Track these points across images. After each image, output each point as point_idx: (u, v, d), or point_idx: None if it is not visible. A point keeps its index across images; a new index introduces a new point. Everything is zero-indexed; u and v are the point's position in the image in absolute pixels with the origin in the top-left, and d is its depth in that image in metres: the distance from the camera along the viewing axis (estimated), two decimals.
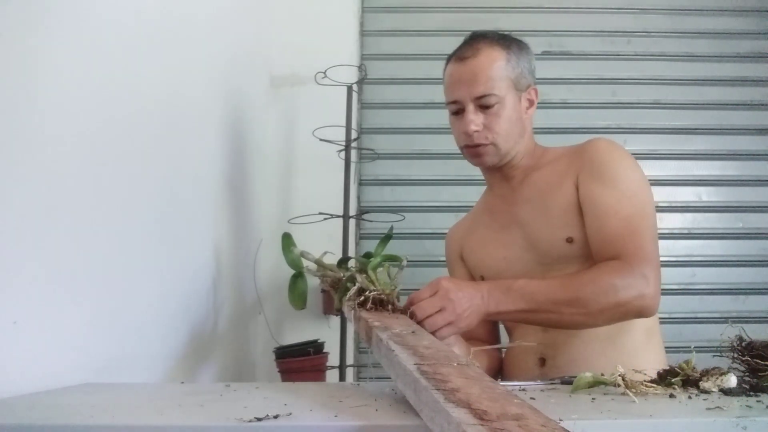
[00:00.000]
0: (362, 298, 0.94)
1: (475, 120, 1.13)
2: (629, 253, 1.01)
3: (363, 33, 2.37)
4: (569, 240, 1.11)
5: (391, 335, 0.76)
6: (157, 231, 1.17)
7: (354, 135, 1.99)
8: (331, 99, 2.04)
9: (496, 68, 1.13)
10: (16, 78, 0.75)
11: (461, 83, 1.14)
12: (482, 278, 1.24)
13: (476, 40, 1.17)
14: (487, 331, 1.28)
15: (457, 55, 1.17)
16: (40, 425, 0.58)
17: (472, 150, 1.17)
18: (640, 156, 2.29)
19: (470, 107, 1.13)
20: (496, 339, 1.32)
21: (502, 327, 1.32)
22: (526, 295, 0.98)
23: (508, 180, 1.23)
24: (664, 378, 0.74)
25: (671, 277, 2.23)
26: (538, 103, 1.22)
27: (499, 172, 1.23)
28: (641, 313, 1.00)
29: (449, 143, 1.28)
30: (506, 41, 1.18)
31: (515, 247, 1.19)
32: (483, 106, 1.13)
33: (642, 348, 1.10)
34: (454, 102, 1.16)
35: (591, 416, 0.59)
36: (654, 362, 0.99)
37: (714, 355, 0.79)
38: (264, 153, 2.09)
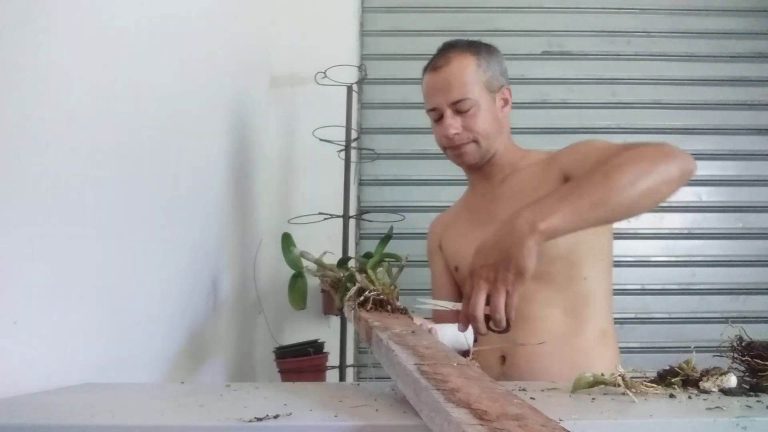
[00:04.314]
0: (362, 298, 0.94)
1: (453, 124, 1.20)
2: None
3: (363, 33, 2.37)
4: None
5: (391, 335, 0.76)
6: (158, 231, 1.17)
7: (354, 135, 1.99)
8: (331, 99, 2.04)
9: (467, 74, 1.20)
10: (17, 78, 0.75)
11: (437, 91, 1.21)
12: (456, 269, 1.29)
13: (447, 49, 1.24)
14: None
15: (431, 66, 1.24)
16: (40, 425, 0.58)
17: (454, 150, 1.24)
18: None
19: (448, 112, 1.20)
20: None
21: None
22: (575, 188, 0.85)
23: (489, 179, 1.29)
24: (664, 378, 0.74)
25: (671, 277, 2.23)
26: (539, 103, 1.23)
27: (480, 171, 1.29)
28: (693, 169, 0.90)
29: None
30: (475, 47, 1.24)
31: None
32: (460, 111, 1.20)
33: (595, 349, 1.14)
34: (434, 109, 1.23)
35: (591, 416, 0.59)
36: (607, 364, 1.03)
37: (714, 355, 0.79)
38: (264, 153, 2.09)
